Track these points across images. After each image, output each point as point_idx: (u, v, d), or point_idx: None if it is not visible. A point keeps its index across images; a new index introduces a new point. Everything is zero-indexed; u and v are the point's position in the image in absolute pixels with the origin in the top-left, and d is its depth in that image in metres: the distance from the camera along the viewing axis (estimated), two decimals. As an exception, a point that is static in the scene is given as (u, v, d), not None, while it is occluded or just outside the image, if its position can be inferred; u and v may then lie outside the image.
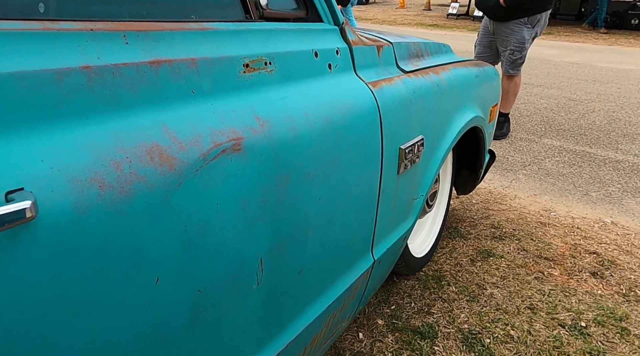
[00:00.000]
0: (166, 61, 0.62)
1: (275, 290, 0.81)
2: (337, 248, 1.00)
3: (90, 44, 0.54)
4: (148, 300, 0.56)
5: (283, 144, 0.76)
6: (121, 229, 0.52)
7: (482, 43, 3.63)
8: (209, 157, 0.63)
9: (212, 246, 0.64)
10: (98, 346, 0.51)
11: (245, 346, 0.77)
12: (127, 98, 0.56)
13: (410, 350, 1.45)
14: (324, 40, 0.98)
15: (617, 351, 1.46)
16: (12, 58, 0.46)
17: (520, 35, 3.34)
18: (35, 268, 0.44)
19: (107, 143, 0.52)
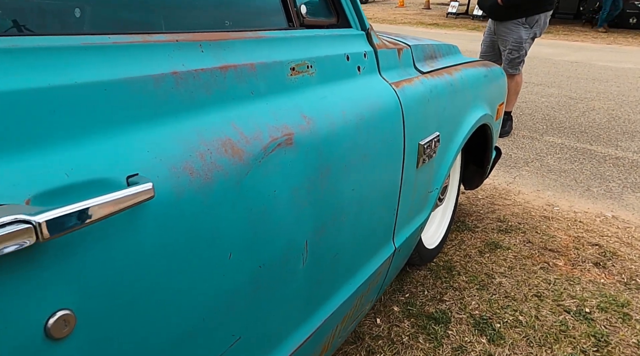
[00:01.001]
0: (232, 66, 0.71)
1: (316, 270, 0.90)
2: (364, 235, 1.10)
3: (176, 53, 0.63)
4: (223, 272, 0.65)
5: (325, 139, 0.86)
6: (205, 211, 0.61)
7: (486, 42, 3.73)
8: (268, 150, 0.72)
9: (271, 227, 0.74)
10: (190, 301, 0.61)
11: (292, 318, 0.87)
12: (204, 98, 0.65)
13: (425, 334, 1.54)
14: (353, 44, 1.07)
15: (619, 335, 1.55)
16: (122, 66, 0.56)
17: (517, 35, 3.43)
18: (151, 238, 0.53)
19: (192, 137, 0.61)
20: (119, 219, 0.49)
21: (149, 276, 0.54)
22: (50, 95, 0.47)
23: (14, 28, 0.53)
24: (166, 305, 0.57)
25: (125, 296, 0.51)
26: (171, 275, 0.57)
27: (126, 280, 0.51)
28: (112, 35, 0.56)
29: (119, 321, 0.51)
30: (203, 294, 0.63)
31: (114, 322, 0.51)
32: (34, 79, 0.46)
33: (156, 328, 0.57)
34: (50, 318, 0.44)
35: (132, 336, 0.54)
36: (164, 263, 0.55)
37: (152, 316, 0.56)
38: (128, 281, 0.51)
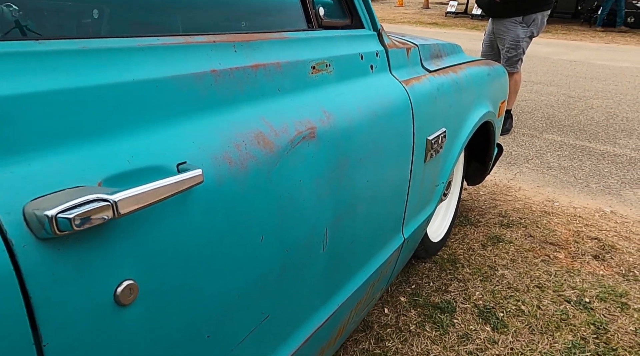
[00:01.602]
0: (261, 64, 0.77)
1: (334, 257, 0.96)
2: (376, 225, 1.16)
3: (213, 53, 0.69)
4: (256, 253, 0.71)
5: (343, 133, 0.92)
6: (241, 197, 0.67)
7: (486, 42, 3.79)
8: (295, 142, 0.78)
9: (296, 214, 0.80)
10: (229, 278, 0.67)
11: (313, 301, 0.93)
12: (238, 94, 0.71)
13: (432, 323, 1.60)
14: (366, 44, 1.13)
15: (618, 323, 1.62)
16: (169, 65, 0.61)
17: (515, 34, 3.49)
18: (199, 219, 0.59)
19: (229, 129, 0.67)
20: (174, 201, 0.55)
21: (196, 254, 0.60)
22: (114, 91, 0.53)
23: (89, 30, 0.58)
24: (210, 280, 0.63)
25: (178, 270, 0.57)
26: (214, 254, 0.63)
27: (178, 256, 0.57)
28: (160, 37, 0.62)
29: (172, 292, 0.57)
30: (239, 272, 0.69)
31: (168, 292, 0.57)
32: (101, 77, 0.52)
33: (201, 301, 0.63)
34: (118, 286, 0.50)
35: (183, 306, 0.60)
36: (208, 243, 0.61)
37: (198, 289, 0.62)
38: (180, 257, 0.57)
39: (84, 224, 0.44)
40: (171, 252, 0.56)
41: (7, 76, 0.45)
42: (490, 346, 1.50)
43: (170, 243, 0.56)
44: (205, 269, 0.62)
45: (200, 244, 0.60)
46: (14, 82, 0.45)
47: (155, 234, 0.54)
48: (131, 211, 0.48)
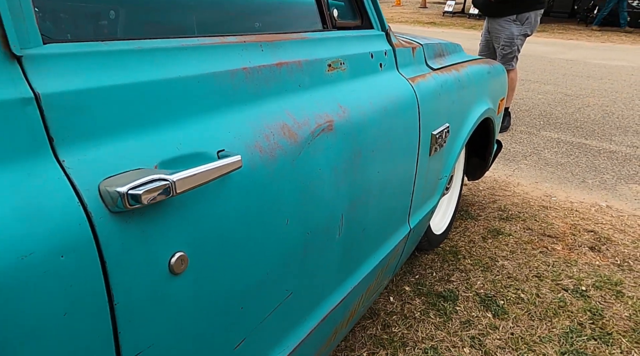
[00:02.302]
0: (285, 62, 0.84)
1: (348, 242, 1.03)
2: (386, 214, 1.23)
3: (244, 52, 0.76)
4: (283, 234, 0.78)
5: (357, 126, 0.99)
6: (271, 182, 0.74)
7: (483, 41, 3.88)
8: (315, 134, 0.85)
9: (316, 201, 0.87)
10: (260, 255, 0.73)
11: (329, 282, 1.00)
12: (265, 90, 0.78)
13: (435, 310, 1.68)
14: (375, 43, 1.20)
15: (613, 309, 1.69)
16: (208, 62, 0.68)
17: (509, 32, 3.58)
18: (236, 201, 0.66)
19: (259, 121, 0.74)
20: (216, 183, 0.62)
21: (233, 232, 0.67)
22: (164, 86, 0.60)
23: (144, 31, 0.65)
24: (244, 257, 0.70)
25: (219, 246, 0.64)
26: (248, 233, 0.70)
27: (220, 233, 0.64)
28: (199, 37, 0.69)
29: (215, 265, 0.64)
30: (268, 251, 0.76)
31: (212, 265, 0.64)
32: (153, 73, 0.59)
33: (237, 275, 0.70)
34: (172, 257, 0.57)
35: (223, 279, 0.67)
36: (243, 222, 0.68)
37: (235, 264, 0.69)
38: (221, 234, 0.64)
39: (149, 200, 0.51)
40: (214, 229, 0.63)
41: (81, 72, 0.52)
42: (491, 331, 1.57)
43: (213, 221, 0.63)
44: (240, 247, 0.69)
45: (236, 223, 0.67)
46: (86, 78, 0.52)
47: (201, 212, 0.61)
48: (185, 190, 0.54)
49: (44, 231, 0.45)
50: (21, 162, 0.45)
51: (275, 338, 0.84)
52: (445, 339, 1.53)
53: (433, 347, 1.49)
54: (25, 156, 0.46)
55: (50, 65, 0.49)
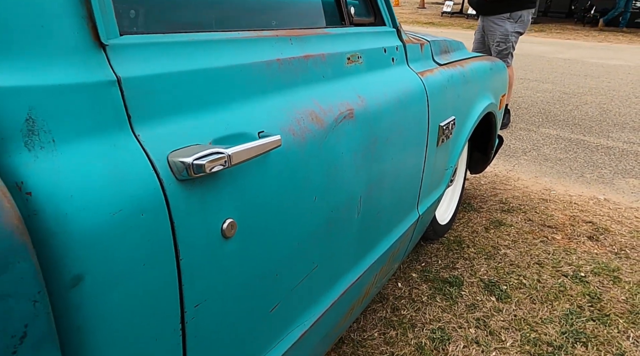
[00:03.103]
0: (311, 55, 0.92)
1: (365, 222, 1.11)
2: (397, 200, 1.31)
3: (277, 44, 0.84)
4: (311, 210, 0.86)
5: (374, 115, 1.07)
6: (301, 163, 0.82)
7: (478, 40, 3.98)
8: (338, 120, 0.93)
9: (339, 181, 0.95)
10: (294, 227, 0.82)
11: (348, 259, 1.08)
12: (295, 79, 0.87)
13: (441, 294, 1.76)
14: (388, 39, 1.28)
15: (610, 293, 1.78)
16: (248, 54, 0.76)
17: (504, 29, 3.70)
18: (275, 176, 0.74)
19: (291, 107, 0.82)
20: (259, 159, 0.70)
21: (272, 205, 0.75)
22: (213, 73, 0.68)
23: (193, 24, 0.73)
24: (279, 228, 0.78)
25: (261, 215, 0.72)
26: (283, 206, 0.78)
27: (261, 204, 0.72)
28: (239, 31, 0.77)
29: (257, 232, 0.72)
30: (298, 224, 0.84)
31: (255, 232, 0.72)
32: (205, 62, 0.67)
33: (274, 244, 0.78)
34: (223, 222, 0.65)
35: (263, 246, 0.75)
36: (279, 196, 0.77)
37: (273, 234, 0.77)
38: (262, 205, 0.72)
39: (211, 169, 0.59)
40: (257, 201, 0.71)
41: (149, 60, 0.60)
42: (495, 313, 1.66)
43: (256, 193, 0.71)
44: (277, 219, 0.77)
45: (274, 197, 0.75)
46: (154, 65, 0.60)
47: (247, 185, 0.69)
48: (238, 163, 0.63)
49: (128, 193, 0.53)
50: (108, 135, 0.53)
51: (303, 306, 0.93)
52: (451, 321, 1.62)
53: (440, 328, 1.58)
54: (110, 130, 0.54)
55: (126, 53, 0.57)
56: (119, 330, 0.54)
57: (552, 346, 1.50)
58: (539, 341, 1.52)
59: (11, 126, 0.46)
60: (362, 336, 1.53)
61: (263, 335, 0.82)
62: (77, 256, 0.48)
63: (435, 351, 1.47)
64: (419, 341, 1.51)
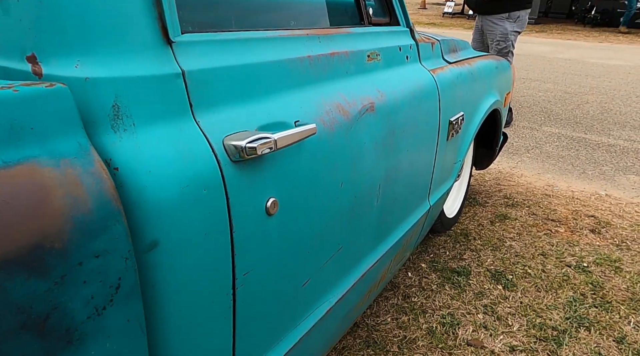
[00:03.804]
0: (336, 52, 1.00)
1: (382, 210, 1.19)
2: (411, 190, 1.39)
3: (307, 42, 0.92)
4: (338, 194, 0.94)
5: (392, 108, 1.14)
6: (330, 150, 0.90)
7: (476, 40, 4.06)
8: (361, 112, 1.01)
9: (362, 169, 1.03)
10: (323, 209, 0.89)
11: (367, 243, 1.16)
12: (323, 74, 0.94)
13: (450, 283, 1.84)
14: (402, 38, 1.36)
15: (612, 282, 1.85)
16: (284, 50, 0.84)
17: (503, 27, 3.78)
18: (309, 161, 0.82)
19: (320, 100, 0.90)
20: (297, 145, 0.78)
21: (307, 188, 0.83)
22: (258, 68, 0.76)
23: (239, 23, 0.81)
24: (311, 208, 0.86)
25: (297, 196, 0.80)
26: (316, 189, 0.86)
27: (298, 186, 0.80)
28: (276, 30, 0.85)
29: (294, 211, 0.80)
30: (327, 207, 0.92)
31: (293, 211, 0.80)
32: (250, 58, 0.75)
33: (307, 223, 0.85)
34: (267, 201, 0.73)
35: (299, 225, 0.82)
36: (312, 180, 0.84)
37: (307, 214, 0.84)
38: (299, 187, 0.80)
39: (262, 152, 0.66)
40: (294, 183, 0.79)
41: (205, 55, 0.68)
42: (502, 301, 1.73)
43: (294, 176, 0.79)
44: (310, 201, 0.85)
45: (308, 181, 0.83)
46: (209, 60, 0.68)
47: (286, 168, 0.77)
48: (281, 147, 0.70)
49: (193, 171, 0.61)
50: (175, 121, 0.61)
51: (329, 284, 1.00)
52: (460, 307, 1.69)
53: (450, 313, 1.65)
54: (176, 116, 0.62)
55: (187, 49, 0.65)
56: (183, 291, 0.62)
57: (556, 331, 1.57)
58: (544, 326, 1.59)
59: (101, 111, 0.54)
60: (376, 321, 1.61)
61: (296, 308, 0.89)
62: (154, 224, 0.56)
63: (446, 335, 1.55)
64: (430, 325, 1.59)
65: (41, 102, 0.47)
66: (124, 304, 0.52)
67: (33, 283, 0.43)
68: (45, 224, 0.44)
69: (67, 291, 0.46)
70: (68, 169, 0.47)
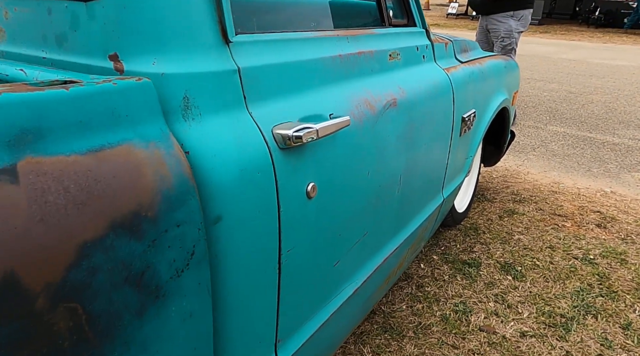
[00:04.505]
0: (362, 52, 1.08)
1: (403, 199, 1.27)
2: (426, 183, 1.46)
3: (337, 42, 1.00)
4: (365, 183, 1.02)
5: (411, 104, 1.22)
6: (359, 142, 0.97)
7: (481, 40, 4.13)
8: (385, 107, 1.09)
9: (385, 160, 1.10)
10: (354, 197, 0.97)
11: (388, 231, 1.23)
12: (352, 72, 1.02)
13: (462, 274, 1.91)
14: (419, 39, 1.44)
15: (618, 273, 1.93)
16: (320, 49, 0.92)
17: (508, 25, 3.87)
18: (342, 150, 0.90)
19: (350, 95, 0.98)
20: (332, 136, 0.86)
21: (339, 176, 0.91)
22: (299, 65, 0.84)
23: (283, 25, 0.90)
24: (344, 195, 0.94)
25: (332, 182, 0.88)
26: (347, 178, 0.94)
27: (332, 173, 0.88)
28: (313, 31, 0.93)
29: (330, 195, 0.88)
30: (355, 195, 0.99)
31: (329, 195, 0.88)
32: (293, 56, 0.83)
33: (339, 208, 0.93)
34: (308, 185, 0.81)
35: (333, 208, 0.90)
36: (345, 170, 0.92)
37: (339, 199, 0.92)
38: (333, 174, 0.88)
39: (307, 140, 0.74)
40: (329, 170, 0.87)
41: (255, 54, 0.76)
42: (512, 290, 1.81)
43: (329, 164, 0.87)
44: (342, 187, 0.93)
45: (341, 170, 0.91)
46: (259, 58, 0.76)
47: (323, 156, 0.85)
48: (322, 136, 0.78)
49: (249, 156, 0.69)
50: (232, 111, 0.69)
51: (355, 267, 1.08)
52: (472, 296, 1.77)
53: (462, 302, 1.73)
54: (233, 107, 0.70)
55: (241, 48, 0.73)
56: (239, 262, 0.70)
57: (565, 318, 1.65)
58: (553, 313, 1.67)
59: (174, 102, 0.62)
60: (392, 308, 1.69)
61: (328, 286, 0.97)
62: (219, 201, 0.64)
63: (459, 322, 1.63)
64: (443, 313, 1.67)
65: (133, 94, 0.55)
66: (197, 269, 0.60)
67: (133, 245, 0.51)
68: (141, 195, 0.52)
69: (157, 254, 0.54)
70: (155, 151, 0.55)
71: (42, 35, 0.68)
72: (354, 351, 1.48)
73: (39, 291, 0.42)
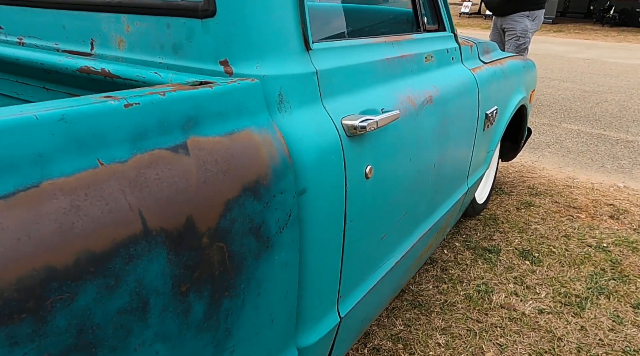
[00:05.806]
0: (404, 55, 1.24)
1: (435, 185, 1.43)
2: (454, 172, 1.62)
3: (385, 48, 1.16)
4: (407, 168, 1.18)
5: (444, 101, 1.38)
6: (403, 134, 1.14)
7: (495, 40, 4.26)
8: (424, 103, 1.25)
9: (422, 150, 1.26)
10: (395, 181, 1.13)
11: (422, 213, 1.39)
12: (396, 73, 1.18)
13: (482, 259, 2.06)
14: (448, 42, 1.59)
15: (630, 260, 2.06)
16: (372, 53, 1.08)
17: (524, 25, 4.00)
18: (393, 140, 1.06)
19: (395, 93, 1.14)
20: (384, 128, 1.02)
21: (390, 161, 1.07)
22: (359, 67, 1.00)
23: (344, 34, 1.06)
24: (393, 177, 1.10)
25: (384, 166, 1.05)
26: (395, 163, 1.10)
27: (384, 158, 1.04)
28: (367, 38, 1.09)
29: (383, 177, 1.04)
30: (401, 179, 1.16)
31: (382, 177, 1.04)
32: (355, 59, 0.99)
33: (389, 187, 1.10)
34: (366, 167, 0.97)
35: (386, 189, 1.07)
36: (394, 156, 1.08)
37: (389, 180, 1.09)
38: (385, 159, 1.05)
39: (370, 128, 0.91)
40: (381, 156, 1.03)
41: (327, 58, 0.92)
42: (530, 274, 1.96)
43: (382, 150, 1.03)
44: (391, 171, 1.09)
45: (391, 156, 1.07)
46: (330, 62, 0.92)
47: (378, 143, 1.01)
48: (380, 126, 0.95)
49: (326, 141, 0.85)
50: (312, 105, 0.86)
51: (396, 242, 1.24)
52: (493, 278, 1.92)
53: (484, 283, 1.88)
54: (313, 102, 0.86)
55: (318, 54, 0.89)
56: (316, 228, 0.86)
57: (579, 298, 1.80)
58: (569, 294, 1.82)
59: (272, 97, 0.79)
60: (419, 288, 1.85)
61: (376, 255, 1.14)
62: (305, 177, 0.80)
63: (482, 300, 1.78)
64: (467, 292, 1.82)
65: (250, 91, 0.72)
66: (291, 229, 0.77)
67: (255, 204, 0.68)
68: (260, 168, 0.69)
69: (269, 213, 0.71)
70: (266, 135, 0.72)
71: (160, 45, 0.85)
72: (387, 323, 1.64)
73: (204, 232, 0.59)
